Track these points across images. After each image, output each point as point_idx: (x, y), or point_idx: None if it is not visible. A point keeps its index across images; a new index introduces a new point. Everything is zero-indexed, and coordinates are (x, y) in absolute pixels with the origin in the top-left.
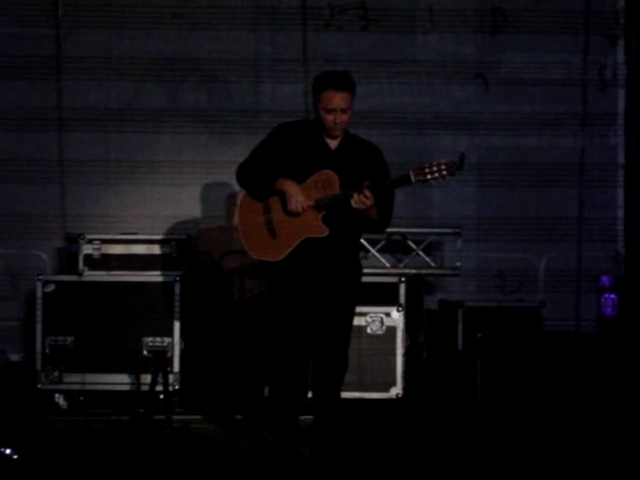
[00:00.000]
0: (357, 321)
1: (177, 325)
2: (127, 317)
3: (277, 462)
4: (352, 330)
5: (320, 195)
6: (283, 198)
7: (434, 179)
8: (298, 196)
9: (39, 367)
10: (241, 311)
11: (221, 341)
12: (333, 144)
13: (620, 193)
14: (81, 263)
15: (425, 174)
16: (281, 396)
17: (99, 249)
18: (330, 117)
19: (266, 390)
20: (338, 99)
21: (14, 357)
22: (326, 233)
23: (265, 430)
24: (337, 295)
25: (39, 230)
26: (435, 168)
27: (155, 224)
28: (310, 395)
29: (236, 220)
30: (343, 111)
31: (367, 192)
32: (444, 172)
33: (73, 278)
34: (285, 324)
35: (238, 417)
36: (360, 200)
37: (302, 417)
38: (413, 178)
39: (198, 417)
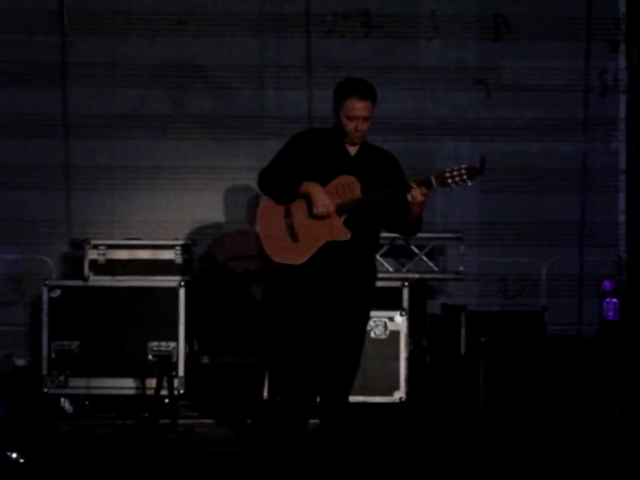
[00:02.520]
0: None
1: (182, 330)
2: (132, 322)
3: (282, 466)
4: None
5: (341, 200)
6: (306, 202)
7: (455, 183)
8: (325, 199)
9: (45, 371)
10: (246, 315)
11: (226, 345)
12: (353, 151)
13: (622, 198)
14: (86, 268)
15: (446, 178)
16: (292, 400)
17: (104, 254)
18: (352, 125)
19: (266, 393)
20: (361, 107)
21: (20, 361)
22: (348, 237)
23: (270, 434)
24: (354, 299)
25: (45, 235)
26: (456, 172)
27: (160, 229)
28: (318, 398)
29: (257, 225)
30: (365, 119)
31: (422, 187)
32: (465, 177)
33: (79, 283)
34: (300, 327)
35: (246, 421)
36: (419, 192)
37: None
38: (434, 182)
39: (203, 421)
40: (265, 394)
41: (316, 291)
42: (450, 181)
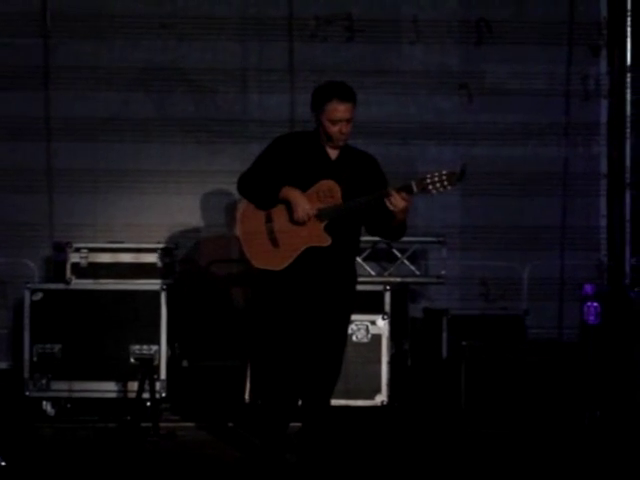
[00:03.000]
0: None
1: (164, 333)
2: (114, 325)
3: (264, 469)
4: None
5: (322, 205)
6: (287, 207)
7: (436, 189)
8: (305, 205)
9: (27, 375)
10: (228, 319)
11: (208, 349)
12: (333, 154)
13: (603, 202)
14: (69, 271)
15: (427, 184)
16: (274, 403)
17: (86, 257)
18: (336, 128)
19: (247, 396)
20: (343, 110)
21: (2, 365)
22: (329, 242)
23: (252, 437)
24: (335, 304)
25: (27, 239)
26: (437, 178)
27: (142, 233)
28: (300, 402)
29: (237, 229)
30: (348, 121)
31: (402, 193)
32: (445, 182)
33: (61, 286)
34: (281, 332)
35: (228, 424)
36: (399, 199)
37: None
38: (415, 188)
39: (185, 424)
40: (247, 397)
41: (297, 296)
42: (431, 187)
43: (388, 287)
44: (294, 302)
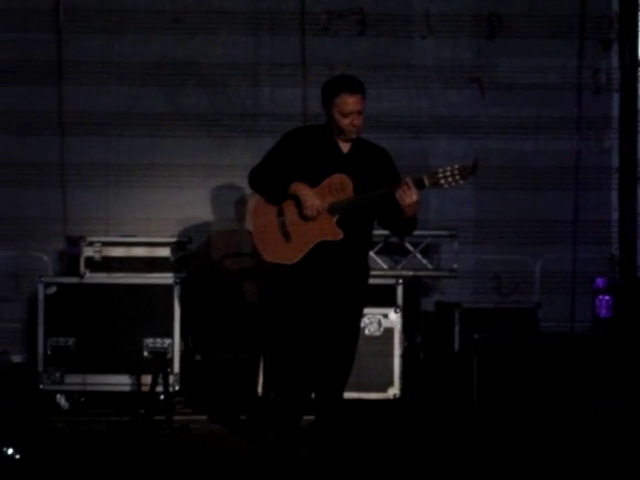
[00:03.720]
0: None
1: (177, 326)
2: (128, 319)
3: (277, 462)
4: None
5: (334, 199)
6: (297, 202)
7: (448, 183)
8: (314, 200)
9: (41, 368)
10: (241, 313)
11: (221, 342)
12: (345, 148)
13: (615, 196)
14: (82, 265)
15: (439, 178)
16: (287, 397)
17: (100, 251)
18: (347, 120)
19: (260, 389)
20: (353, 102)
21: (16, 358)
22: (340, 236)
23: (265, 430)
24: (347, 297)
25: (41, 233)
26: (449, 172)
27: (155, 227)
28: (313, 395)
29: (249, 224)
30: (359, 113)
31: (413, 187)
32: (457, 177)
33: (74, 280)
34: (294, 326)
35: (240, 418)
36: (405, 194)
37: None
38: (427, 182)
39: (198, 417)
40: (260, 391)
41: (309, 290)
42: (443, 181)
43: (400, 280)
44: (307, 296)
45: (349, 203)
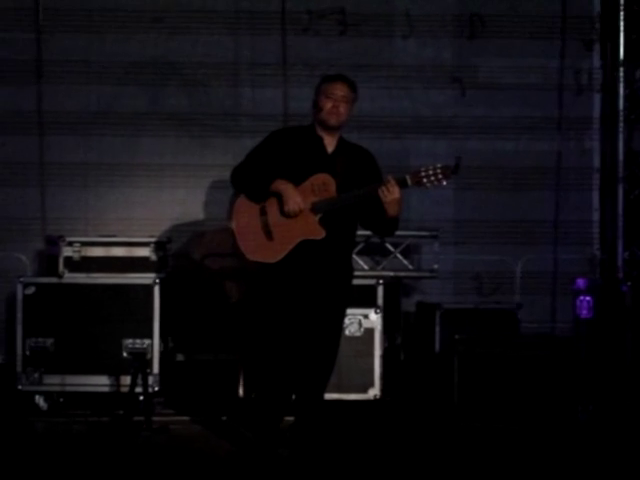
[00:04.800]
0: None
1: (157, 327)
2: (107, 319)
3: (256, 463)
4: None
5: (317, 198)
6: (280, 200)
7: (430, 182)
8: (296, 197)
9: (19, 368)
10: (222, 313)
11: (202, 342)
12: (330, 148)
13: (595, 196)
14: (61, 265)
15: (421, 178)
16: (268, 398)
17: (79, 251)
18: (330, 104)
19: (241, 390)
20: (339, 88)
21: None
22: (323, 235)
23: (246, 431)
24: (330, 297)
25: (19, 232)
26: (431, 172)
27: (135, 227)
28: (294, 396)
29: (232, 223)
30: (344, 101)
31: (392, 183)
32: (440, 176)
33: (53, 280)
34: (276, 325)
35: (221, 419)
36: (388, 191)
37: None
38: (410, 181)
39: (178, 418)
40: (240, 392)
41: (291, 289)
42: (425, 180)
43: (381, 281)
44: (289, 295)
45: (332, 202)
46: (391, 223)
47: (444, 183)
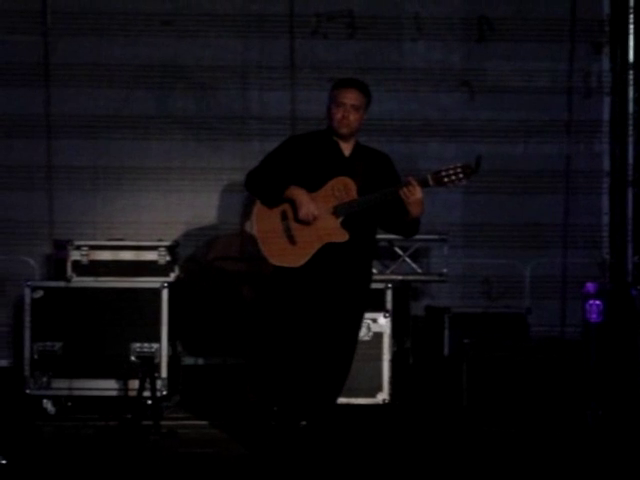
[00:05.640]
0: None
1: (165, 331)
2: (115, 323)
3: (270, 467)
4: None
5: (338, 201)
6: (294, 206)
7: (451, 182)
8: (309, 204)
9: (27, 373)
10: (230, 315)
11: (210, 346)
12: (347, 151)
13: (605, 200)
14: (69, 269)
15: (442, 177)
16: (284, 402)
17: (87, 255)
18: (339, 112)
19: (250, 394)
20: (349, 95)
21: (2, 362)
22: (346, 238)
23: (255, 436)
24: (351, 301)
25: (27, 236)
26: (452, 171)
27: (143, 230)
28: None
29: (253, 227)
30: (353, 108)
31: (414, 183)
32: (460, 175)
33: (61, 284)
34: (293, 329)
35: (230, 423)
36: (410, 191)
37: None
38: (431, 181)
39: (186, 422)
40: (249, 396)
41: (313, 293)
42: (446, 180)
43: (390, 285)
44: (310, 298)
45: (353, 205)
46: (413, 224)
47: (464, 182)
